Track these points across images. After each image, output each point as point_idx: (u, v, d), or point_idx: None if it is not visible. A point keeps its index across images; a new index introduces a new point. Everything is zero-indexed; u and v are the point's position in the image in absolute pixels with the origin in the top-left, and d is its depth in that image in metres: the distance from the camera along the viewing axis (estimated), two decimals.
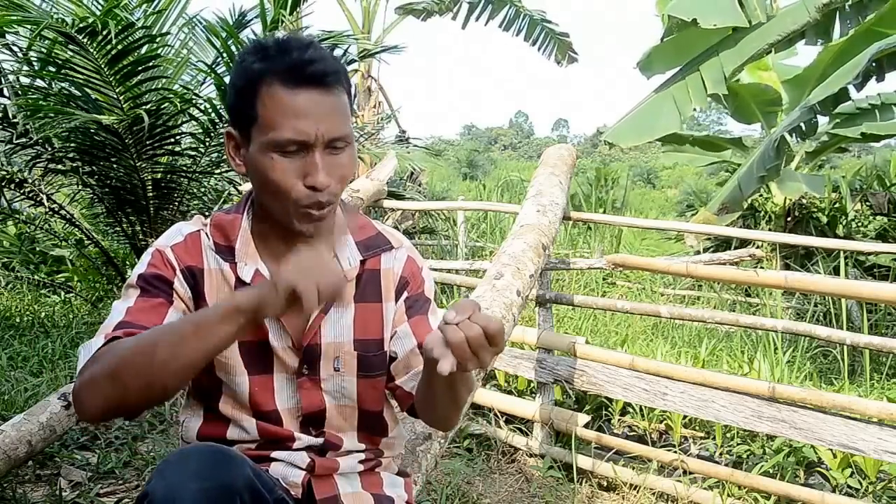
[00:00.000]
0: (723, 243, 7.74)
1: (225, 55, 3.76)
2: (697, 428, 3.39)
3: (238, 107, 1.13)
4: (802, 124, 6.18)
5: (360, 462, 1.27)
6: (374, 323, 1.24)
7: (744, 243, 6.77)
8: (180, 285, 1.16)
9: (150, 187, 4.13)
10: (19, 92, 3.95)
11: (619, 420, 3.48)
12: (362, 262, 1.24)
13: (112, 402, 1.02)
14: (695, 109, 6.46)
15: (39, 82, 4.03)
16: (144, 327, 1.09)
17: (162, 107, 3.81)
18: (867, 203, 8.62)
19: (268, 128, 1.09)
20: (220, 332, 1.01)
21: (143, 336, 1.04)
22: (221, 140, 4.19)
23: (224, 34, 3.68)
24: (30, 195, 4.38)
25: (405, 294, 1.27)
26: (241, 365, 1.18)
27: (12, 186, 4.29)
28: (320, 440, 1.22)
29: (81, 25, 3.26)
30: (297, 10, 4.15)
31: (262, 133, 1.10)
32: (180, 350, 1.00)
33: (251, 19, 4.13)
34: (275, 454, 1.20)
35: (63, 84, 3.87)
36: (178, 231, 1.20)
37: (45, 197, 4.34)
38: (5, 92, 3.94)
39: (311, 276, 0.98)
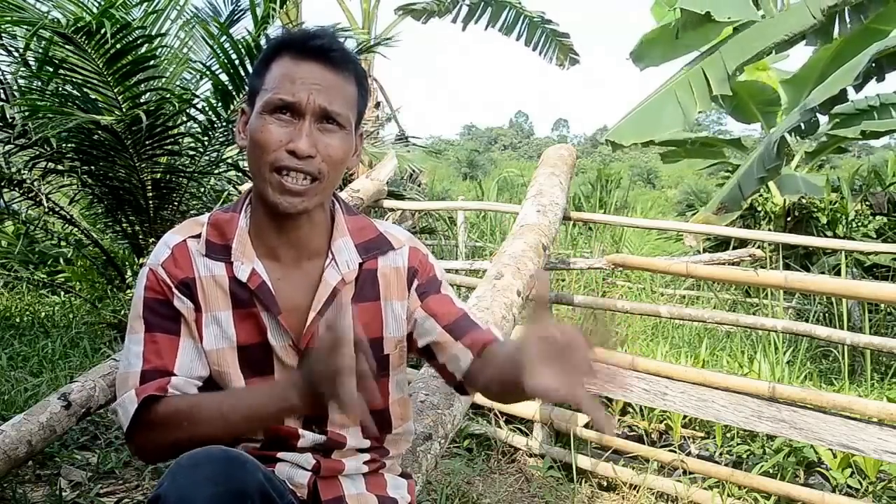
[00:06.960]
0: (722, 243, 7.73)
1: (218, 51, 3.76)
2: (697, 428, 3.38)
3: (252, 82, 1.19)
4: (802, 124, 6.16)
5: (365, 463, 1.27)
6: (373, 322, 1.24)
7: (744, 243, 6.75)
8: (180, 302, 1.17)
9: (149, 187, 4.12)
10: (16, 93, 3.95)
11: (619, 420, 3.48)
12: (360, 265, 1.23)
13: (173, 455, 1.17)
14: (700, 113, 6.43)
15: (38, 82, 4.02)
16: (165, 370, 1.13)
17: (161, 107, 3.81)
18: (867, 203, 8.62)
19: (266, 92, 1.14)
20: (270, 422, 1.15)
21: (195, 415, 1.10)
22: (220, 140, 4.19)
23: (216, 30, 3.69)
24: (29, 195, 4.38)
25: (416, 282, 1.27)
26: (238, 373, 1.18)
27: (12, 186, 4.28)
28: (323, 437, 1.22)
29: (78, 25, 3.25)
30: (296, 7, 4.15)
31: (262, 98, 1.15)
32: (231, 431, 1.12)
33: (244, 12, 4.14)
34: (280, 455, 1.20)
35: (61, 84, 3.86)
36: (165, 245, 1.20)
37: (44, 197, 4.33)
38: (2, 95, 3.93)
39: (330, 379, 0.96)
